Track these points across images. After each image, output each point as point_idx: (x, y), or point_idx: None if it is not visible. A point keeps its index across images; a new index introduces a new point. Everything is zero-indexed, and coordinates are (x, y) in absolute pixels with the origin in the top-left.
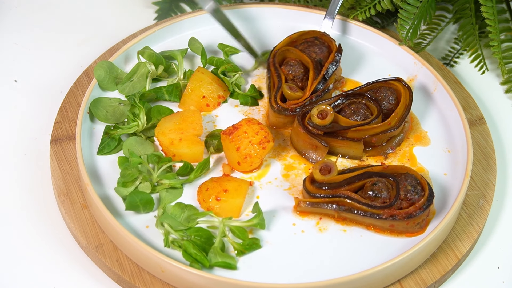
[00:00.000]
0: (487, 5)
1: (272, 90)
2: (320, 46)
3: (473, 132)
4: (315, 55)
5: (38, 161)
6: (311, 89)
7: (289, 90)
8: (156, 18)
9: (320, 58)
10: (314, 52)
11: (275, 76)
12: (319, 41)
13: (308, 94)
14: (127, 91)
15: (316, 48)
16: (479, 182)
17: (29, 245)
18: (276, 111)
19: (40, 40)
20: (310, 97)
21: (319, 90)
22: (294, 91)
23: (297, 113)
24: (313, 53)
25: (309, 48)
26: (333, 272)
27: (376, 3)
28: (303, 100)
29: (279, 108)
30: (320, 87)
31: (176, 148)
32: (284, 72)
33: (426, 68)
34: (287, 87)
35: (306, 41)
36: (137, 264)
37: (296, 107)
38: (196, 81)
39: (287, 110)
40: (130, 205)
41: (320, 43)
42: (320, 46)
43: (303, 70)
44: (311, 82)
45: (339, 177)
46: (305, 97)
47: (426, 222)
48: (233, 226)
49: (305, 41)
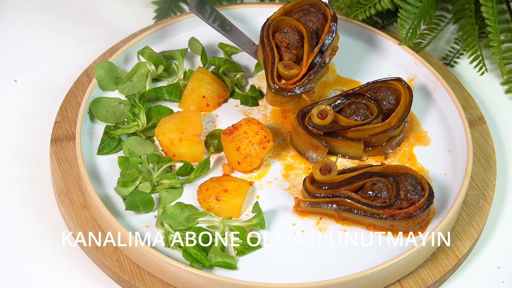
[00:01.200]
0: (488, 5)
1: (268, 67)
2: (316, 13)
3: (473, 132)
4: (312, 23)
5: (38, 161)
6: (307, 64)
7: (284, 69)
8: (156, 17)
9: (317, 27)
10: (310, 20)
11: (268, 50)
12: (315, 8)
13: (304, 69)
14: (127, 91)
15: (312, 16)
16: (479, 182)
17: (29, 245)
18: (274, 91)
19: (40, 40)
20: (308, 74)
21: (316, 64)
22: (289, 70)
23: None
24: (309, 22)
25: (304, 16)
26: (333, 272)
27: (376, 3)
28: (300, 78)
29: (276, 89)
30: (317, 61)
31: (176, 148)
32: (278, 40)
33: (426, 68)
34: (281, 66)
35: (301, 9)
36: (137, 264)
37: (295, 87)
38: (196, 81)
39: (285, 90)
40: (130, 205)
41: (316, 10)
42: (316, 14)
43: (298, 37)
44: (306, 56)
45: (339, 177)
46: (302, 73)
47: (426, 222)
48: (233, 226)
49: (300, 9)
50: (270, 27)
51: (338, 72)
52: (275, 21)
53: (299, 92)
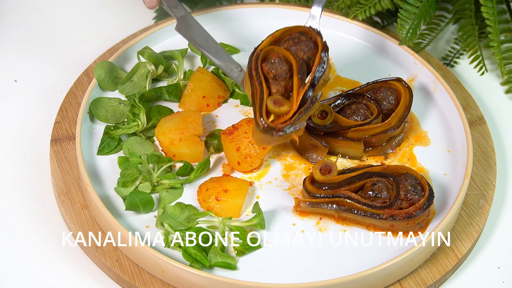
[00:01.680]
0: (488, 5)
1: (256, 103)
2: (307, 42)
3: (473, 132)
4: (302, 53)
5: (38, 161)
6: (298, 100)
7: (273, 106)
8: (156, 18)
9: (308, 56)
10: (301, 50)
11: (257, 84)
12: (306, 36)
13: (295, 106)
14: (127, 91)
15: (303, 45)
16: (479, 182)
17: (29, 245)
18: (262, 130)
19: (40, 40)
20: (299, 111)
21: (308, 100)
22: (279, 107)
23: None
24: (300, 51)
25: (295, 45)
26: (333, 272)
27: (376, 3)
28: (291, 117)
29: (265, 127)
30: (308, 96)
31: (176, 148)
32: (265, 70)
33: (426, 68)
34: (271, 103)
35: (291, 38)
36: (137, 264)
37: (285, 126)
38: (196, 81)
39: (275, 129)
40: (130, 205)
41: (307, 39)
42: (307, 42)
43: (287, 67)
44: (297, 91)
45: (339, 177)
46: (293, 110)
47: (426, 222)
48: (233, 226)
49: (290, 38)
50: (258, 58)
51: (338, 72)
52: (263, 51)
53: (289, 132)
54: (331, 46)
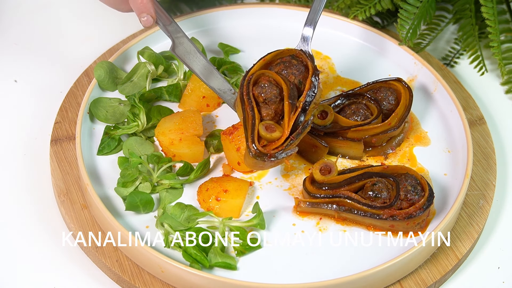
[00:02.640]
0: (488, 5)
1: (248, 128)
2: (298, 65)
3: (473, 132)
4: (294, 77)
5: (38, 161)
6: (289, 126)
7: (265, 132)
8: None
9: (299, 80)
10: (292, 74)
11: (249, 109)
12: (296, 60)
13: (287, 132)
14: (127, 91)
15: (294, 69)
16: (479, 182)
17: (29, 245)
18: (254, 155)
19: (40, 40)
20: (291, 137)
21: (299, 125)
22: (271, 132)
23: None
24: (291, 75)
25: (286, 69)
26: (333, 272)
27: (376, 3)
28: (282, 143)
29: (257, 153)
30: (300, 121)
31: (176, 148)
32: (255, 94)
33: (426, 68)
34: (262, 128)
35: (282, 61)
36: (137, 264)
37: (277, 152)
38: (196, 81)
39: (267, 155)
40: (130, 205)
41: (298, 62)
42: (298, 66)
43: (277, 91)
44: (288, 116)
45: (339, 177)
46: (285, 136)
47: (426, 222)
48: (233, 226)
49: (281, 61)
50: (250, 83)
51: (338, 72)
52: (255, 75)
53: (281, 158)
54: (331, 46)
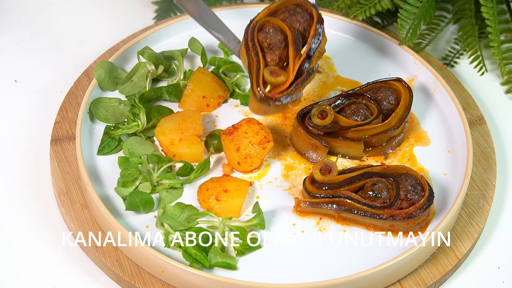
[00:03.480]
0: (488, 5)
1: (253, 73)
2: (303, 13)
3: (473, 132)
4: (298, 24)
5: (38, 161)
6: (294, 70)
7: (270, 76)
8: (155, 17)
9: (304, 28)
10: (297, 21)
11: (253, 54)
12: (301, 8)
13: (292, 77)
14: (127, 91)
15: (299, 17)
16: (479, 182)
17: (29, 245)
18: (259, 99)
19: (40, 40)
20: (296, 82)
21: (304, 71)
22: (276, 77)
23: (282, 103)
24: (296, 23)
25: (290, 17)
26: (333, 272)
27: (376, 3)
28: (287, 87)
29: (262, 97)
30: (305, 68)
31: (176, 148)
32: (260, 39)
33: (426, 68)
34: (267, 73)
35: (287, 10)
36: (137, 264)
37: (282, 96)
38: (196, 81)
39: (272, 99)
40: (130, 205)
41: (303, 10)
42: (302, 14)
43: (281, 37)
44: (293, 61)
45: (339, 177)
46: (290, 81)
47: (426, 222)
48: (233, 226)
49: (285, 10)
50: (254, 29)
51: (338, 72)
52: (259, 22)
53: (286, 102)
54: (331, 46)
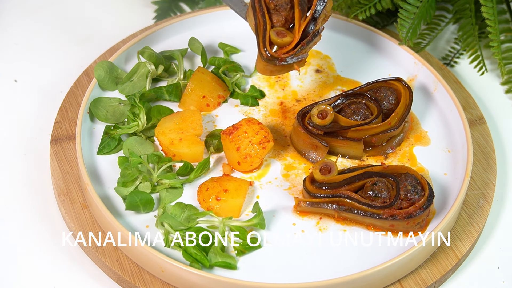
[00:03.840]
0: (488, 5)
1: (260, 34)
2: None
3: (473, 132)
4: None
5: (38, 160)
6: (300, 31)
7: (276, 37)
8: (155, 17)
9: None
10: None
11: (260, 16)
12: None
13: (297, 37)
14: (127, 91)
15: None
16: (479, 182)
17: (29, 245)
18: (266, 59)
19: (40, 40)
20: (301, 43)
21: (310, 33)
22: (282, 37)
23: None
24: None
25: None
26: (333, 272)
27: (376, 2)
28: (293, 47)
29: (268, 57)
30: (310, 29)
31: (176, 148)
32: (266, 1)
33: (426, 68)
34: (274, 34)
35: None
36: (137, 264)
37: (288, 56)
38: (196, 81)
39: (278, 59)
40: (130, 205)
41: None
42: None
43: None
44: (298, 23)
45: (339, 177)
46: (295, 41)
47: (426, 222)
48: (233, 226)
49: None
50: None
51: (338, 72)
52: None
53: (292, 62)
54: (331, 46)
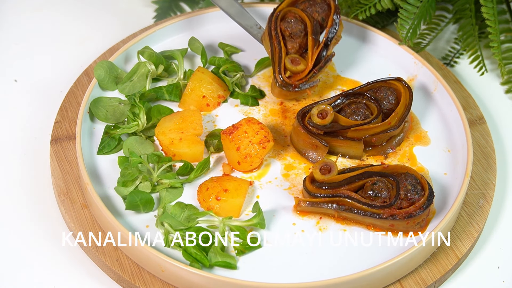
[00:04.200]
0: (488, 6)
1: (275, 60)
2: (321, 4)
3: (473, 132)
4: (317, 14)
5: (38, 161)
6: (313, 59)
7: (291, 65)
8: (155, 17)
9: (322, 17)
10: (316, 11)
11: (276, 43)
12: None
13: (310, 65)
14: (127, 90)
15: (318, 7)
16: (479, 182)
17: (29, 245)
18: (280, 85)
19: (40, 40)
20: (314, 70)
21: (322, 59)
22: (296, 65)
23: (301, 89)
24: (315, 13)
25: (310, 7)
26: (333, 272)
27: (376, 2)
28: (306, 75)
29: (283, 83)
30: (322, 56)
31: (176, 147)
32: (282, 28)
33: (426, 68)
34: (288, 61)
35: (307, 0)
36: (137, 264)
37: (300, 83)
38: (196, 81)
39: (292, 85)
40: (130, 204)
41: (322, 1)
42: (321, 5)
43: (302, 26)
44: (311, 51)
45: (339, 176)
46: (308, 69)
47: (426, 222)
48: (233, 225)
49: (305, 0)
50: (277, 18)
51: (338, 71)
52: (282, 12)
53: (304, 88)
54: None
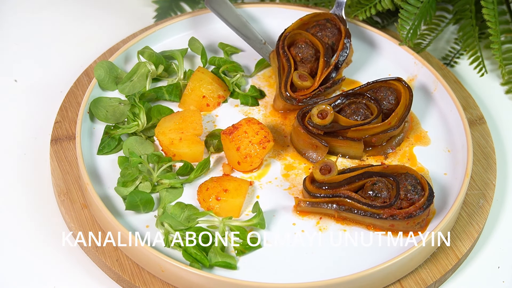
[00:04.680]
0: (489, 7)
1: (282, 75)
2: (332, 28)
3: (473, 132)
4: (327, 39)
5: (38, 161)
6: (320, 79)
7: (298, 79)
8: (156, 17)
9: (332, 42)
10: (326, 36)
11: (284, 60)
12: (331, 23)
13: (316, 85)
14: (127, 91)
15: (328, 32)
16: (479, 182)
17: (29, 245)
18: (284, 99)
19: (40, 40)
20: (319, 88)
21: (330, 80)
22: (303, 81)
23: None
24: (325, 37)
25: (321, 32)
26: (333, 272)
27: (377, 3)
28: (311, 92)
29: (287, 97)
30: (332, 77)
31: (176, 147)
32: (293, 53)
33: (426, 68)
34: (296, 76)
35: (318, 24)
36: (137, 264)
37: (304, 98)
38: (196, 81)
39: (295, 99)
40: (130, 204)
41: (332, 26)
42: (331, 29)
43: (312, 51)
44: (320, 72)
45: (339, 176)
46: (313, 88)
47: (426, 222)
48: (233, 225)
49: (316, 24)
50: (286, 39)
51: None
52: (291, 33)
53: (308, 103)
54: None
